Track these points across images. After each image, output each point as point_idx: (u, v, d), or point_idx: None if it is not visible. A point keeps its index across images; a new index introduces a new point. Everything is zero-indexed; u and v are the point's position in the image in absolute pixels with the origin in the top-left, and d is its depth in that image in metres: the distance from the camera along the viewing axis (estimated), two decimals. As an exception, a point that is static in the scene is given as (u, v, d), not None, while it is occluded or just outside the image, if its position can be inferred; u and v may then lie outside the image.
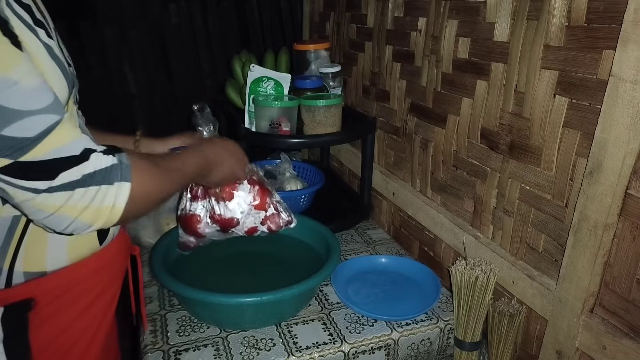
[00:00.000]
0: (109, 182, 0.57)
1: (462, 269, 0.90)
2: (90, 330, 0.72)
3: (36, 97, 0.52)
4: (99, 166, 0.56)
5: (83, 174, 0.55)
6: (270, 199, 0.97)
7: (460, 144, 1.04)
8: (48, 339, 0.66)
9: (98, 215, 0.57)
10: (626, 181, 0.67)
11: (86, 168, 0.55)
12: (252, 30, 2.10)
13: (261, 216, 0.97)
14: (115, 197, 0.57)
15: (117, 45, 1.89)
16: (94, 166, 0.56)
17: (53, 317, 0.66)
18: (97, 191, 0.56)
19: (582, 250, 0.73)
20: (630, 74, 0.63)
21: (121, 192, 0.58)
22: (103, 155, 0.58)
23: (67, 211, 0.55)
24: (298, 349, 0.87)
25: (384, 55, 1.30)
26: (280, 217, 0.98)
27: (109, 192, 0.57)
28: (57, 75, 0.59)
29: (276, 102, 1.21)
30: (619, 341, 0.69)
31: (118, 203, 0.58)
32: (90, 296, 0.70)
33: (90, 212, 0.56)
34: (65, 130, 0.55)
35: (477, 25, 0.94)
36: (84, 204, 0.56)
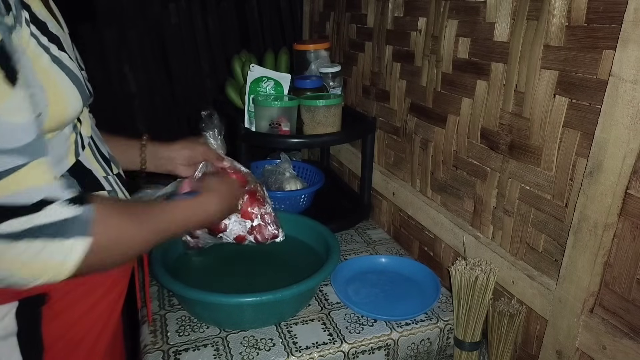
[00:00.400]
0: (63, 236, 0.52)
1: (462, 269, 0.90)
2: (99, 325, 0.74)
3: (9, 137, 0.49)
4: (52, 219, 0.51)
5: (31, 226, 0.50)
6: (258, 209, 0.96)
7: (460, 144, 1.04)
8: (59, 332, 0.68)
9: (44, 270, 0.52)
10: (626, 181, 0.67)
11: (36, 219, 0.50)
12: (252, 30, 2.10)
13: (247, 225, 0.96)
14: (67, 253, 0.52)
15: (116, 45, 1.89)
16: (47, 218, 0.51)
17: (64, 312, 0.68)
18: (45, 246, 0.51)
19: (582, 250, 0.73)
20: (630, 74, 0.63)
21: (75, 249, 0.53)
22: (65, 205, 0.52)
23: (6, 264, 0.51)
24: (298, 349, 0.87)
25: (384, 55, 1.30)
26: (267, 229, 0.97)
27: (60, 247, 0.52)
28: (69, 88, 0.60)
29: (276, 102, 1.21)
30: (619, 341, 0.69)
31: (69, 259, 0.52)
32: (99, 292, 0.72)
33: (35, 268, 0.51)
34: (28, 174, 0.50)
35: (477, 25, 0.94)
36: (26, 258, 0.50)
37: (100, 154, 0.74)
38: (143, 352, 0.87)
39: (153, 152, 0.93)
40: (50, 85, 0.57)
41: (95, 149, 0.72)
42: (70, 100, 0.60)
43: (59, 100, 0.59)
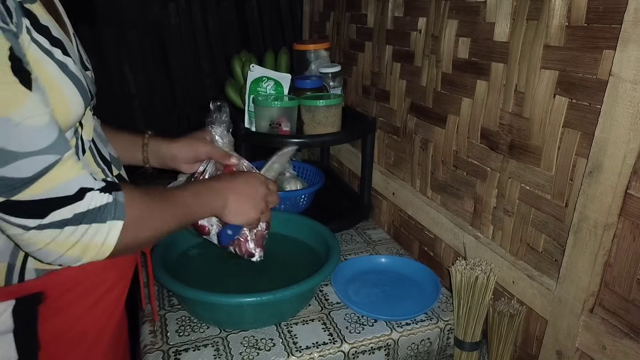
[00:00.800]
0: (101, 221, 0.58)
1: (462, 269, 0.90)
2: (100, 324, 0.74)
3: (36, 139, 0.53)
4: (92, 205, 0.58)
5: (75, 213, 0.56)
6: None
7: (460, 144, 1.04)
8: (58, 330, 0.68)
9: (87, 251, 0.58)
10: (626, 181, 0.67)
11: (79, 207, 0.57)
12: (252, 30, 2.10)
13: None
14: (106, 235, 0.59)
15: (116, 45, 1.89)
16: (87, 205, 0.57)
17: (63, 310, 0.68)
18: (88, 229, 0.57)
19: (582, 250, 0.73)
20: (630, 74, 0.63)
21: (113, 230, 0.59)
22: (99, 193, 0.59)
23: (55, 247, 0.56)
24: (298, 349, 0.87)
25: (384, 55, 1.30)
26: (245, 246, 0.91)
27: (100, 229, 0.58)
28: (73, 92, 0.62)
29: (276, 102, 1.21)
30: (619, 341, 0.69)
31: (109, 240, 0.59)
32: (99, 291, 0.72)
33: (79, 248, 0.58)
34: (63, 169, 0.56)
35: (477, 25, 0.94)
36: (73, 241, 0.57)
37: (101, 156, 0.74)
38: (143, 352, 0.87)
39: (155, 150, 0.93)
40: (53, 89, 0.58)
41: (95, 151, 0.73)
42: (72, 104, 0.62)
43: (61, 104, 0.60)
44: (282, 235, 1.14)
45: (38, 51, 0.57)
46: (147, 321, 0.94)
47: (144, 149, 0.93)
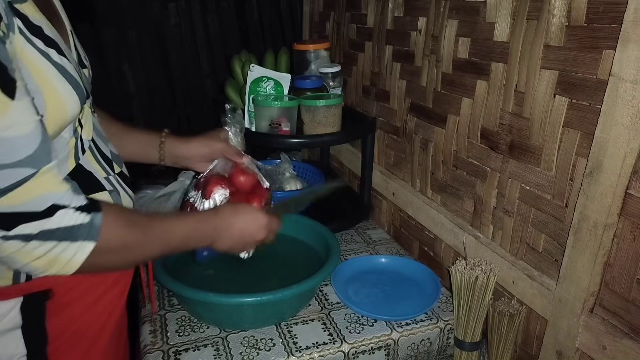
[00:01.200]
0: (71, 239, 0.56)
1: (462, 269, 0.90)
2: (101, 319, 0.76)
3: (14, 150, 0.51)
4: (63, 224, 0.56)
5: (41, 230, 0.54)
6: None
7: (460, 144, 1.04)
8: (63, 325, 0.70)
9: (52, 265, 0.57)
10: (626, 181, 0.67)
11: (46, 224, 0.55)
12: (252, 30, 2.10)
13: None
14: (74, 254, 0.57)
15: (116, 45, 1.89)
16: (57, 223, 0.55)
17: (68, 306, 0.70)
18: (56, 245, 0.56)
19: (582, 250, 0.73)
20: (630, 74, 0.63)
21: (82, 250, 0.57)
22: (74, 212, 0.57)
23: (19, 257, 0.55)
24: (298, 349, 0.87)
25: (384, 55, 1.30)
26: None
27: (69, 247, 0.56)
28: (69, 92, 0.61)
29: (276, 102, 1.21)
30: (619, 341, 0.69)
31: (76, 259, 0.57)
32: (100, 289, 0.74)
33: (44, 261, 0.56)
34: (36, 183, 0.54)
35: (477, 25, 0.94)
36: (38, 254, 0.55)
37: (102, 154, 0.74)
38: (143, 352, 0.87)
39: (171, 149, 0.93)
40: (48, 89, 0.58)
41: (96, 150, 0.73)
42: (68, 104, 0.61)
43: (57, 104, 0.59)
44: (282, 235, 1.14)
45: (34, 51, 0.56)
46: (147, 321, 0.94)
47: (161, 147, 0.93)
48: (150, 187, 1.27)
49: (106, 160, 0.75)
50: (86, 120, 0.71)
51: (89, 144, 0.72)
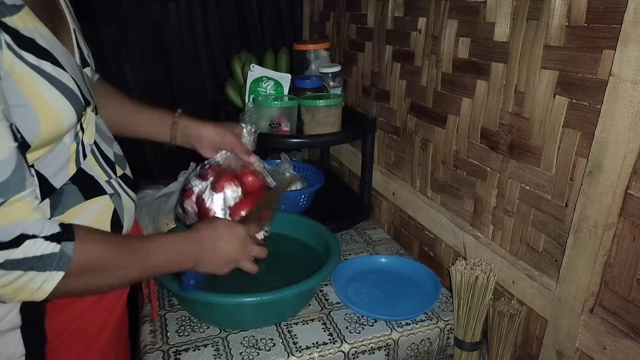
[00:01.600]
0: (39, 269, 0.55)
1: (462, 269, 0.90)
2: (102, 317, 0.77)
3: None
4: (31, 253, 0.54)
5: (6, 259, 0.53)
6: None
7: (460, 144, 1.04)
8: (62, 326, 0.71)
9: (19, 293, 0.55)
10: (626, 181, 0.67)
11: (12, 254, 0.53)
12: (252, 30, 2.10)
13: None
14: (42, 283, 0.55)
15: (116, 45, 1.89)
16: (24, 253, 0.53)
17: (68, 307, 0.71)
18: (22, 275, 0.54)
19: (582, 250, 0.73)
20: (630, 74, 0.63)
21: (50, 279, 0.56)
22: (43, 241, 0.55)
23: None
24: (298, 349, 0.87)
25: (384, 55, 1.30)
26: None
27: (36, 277, 0.55)
28: (63, 104, 0.60)
29: (276, 102, 1.21)
30: (619, 341, 0.69)
31: (44, 287, 0.56)
32: None
33: (10, 289, 0.54)
34: (6, 212, 0.52)
35: (477, 25, 0.94)
36: (3, 282, 0.53)
37: (105, 157, 0.74)
38: (143, 352, 0.87)
39: (184, 129, 0.92)
40: (40, 103, 0.57)
41: (98, 153, 0.73)
42: (63, 115, 0.61)
43: (50, 117, 0.59)
44: (282, 235, 1.14)
45: (24, 67, 0.55)
46: (147, 321, 0.94)
47: (174, 126, 0.92)
48: (150, 187, 1.27)
49: (109, 163, 0.74)
50: (88, 124, 0.71)
51: (91, 148, 0.71)
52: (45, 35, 0.60)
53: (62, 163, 0.65)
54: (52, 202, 0.65)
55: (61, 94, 0.60)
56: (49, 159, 0.64)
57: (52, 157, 0.64)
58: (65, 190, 0.66)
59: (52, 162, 0.64)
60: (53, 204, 0.65)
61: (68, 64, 0.64)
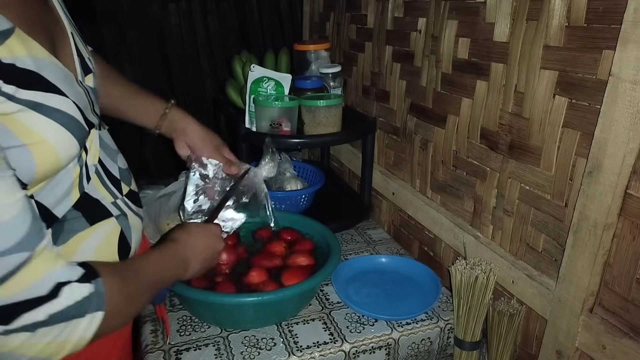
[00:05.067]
0: (80, 315, 0.51)
1: (462, 268, 0.91)
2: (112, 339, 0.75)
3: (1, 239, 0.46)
4: (70, 301, 0.50)
5: (50, 314, 0.48)
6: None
7: (460, 144, 1.04)
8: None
9: (61, 350, 0.51)
10: (626, 181, 0.67)
11: (54, 307, 0.49)
12: (252, 30, 2.10)
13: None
14: (84, 330, 0.51)
15: (116, 45, 1.89)
16: (65, 302, 0.49)
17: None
18: (65, 327, 0.50)
19: (582, 250, 0.74)
20: (630, 74, 0.63)
21: (92, 323, 0.52)
22: (78, 285, 0.51)
23: (24, 350, 0.48)
24: (299, 349, 0.88)
25: (384, 56, 1.30)
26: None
27: (78, 325, 0.51)
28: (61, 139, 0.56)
29: (277, 102, 1.22)
30: (618, 341, 0.70)
31: (86, 334, 0.52)
32: None
33: (52, 348, 0.50)
34: (34, 266, 0.48)
35: (477, 26, 0.94)
36: (46, 341, 0.49)
37: (110, 176, 0.71)
38: (144, 352, 0.87)
39: (172, 119, 0.91)
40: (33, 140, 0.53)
41: (103, 172, 0.69)
42: (62, 149, 0.57)
43: (47, 154, 0.55)
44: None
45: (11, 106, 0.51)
46: (148, 321, 0.95)
47: (162, 117, 0.90)
48: (150, 187, 1.27)
49: (114, 182, 0.71)
50: (92, 142, 0.67)
51: (95, 168, 0.68)
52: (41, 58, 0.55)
53: (64, 190, 0.62)
54: (55, 231, 0.62)
55: (60, 125, 0.56)
56: (50, 188, 0.60)
57: (54, 186, 0.60)
58: (68, 218, 0.63)
59: (53, 191, 0.60)
60: (55, 233, 0.62)
61: (68, 85, 0.59)
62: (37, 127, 0.53)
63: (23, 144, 0.52)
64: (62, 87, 0.58)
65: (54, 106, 0.55)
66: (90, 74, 0.70)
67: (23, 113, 0.52)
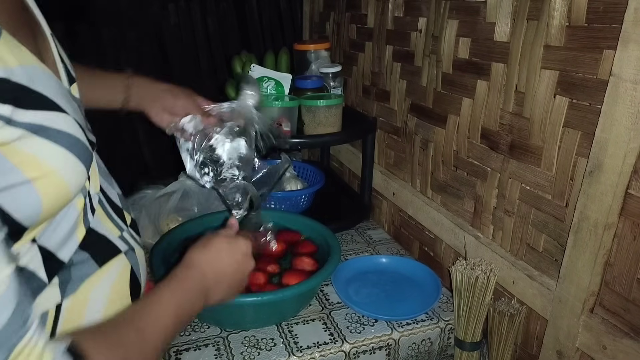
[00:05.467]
0: None
1: (463, 269, 0.91)
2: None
3: None
4: None
5: None
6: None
7: (460, 144, 1.04)
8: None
9: None
10: (627, 181, 0.67)
11: None
12: (252, 30, 2.10)
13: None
14: None
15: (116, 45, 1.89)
16: None
17: None
18: None
19: (583, 250, 0.74)
20: (630, 74, 0.63)
21: None
22: None
23: None
24: (299, 349, 0.87)
25: (384, 55, 1.30)
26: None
27: None
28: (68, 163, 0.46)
29: (277, 102, 1.21)
30: (619, 341, 0.69)
31: None
32: None
33: None
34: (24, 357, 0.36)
35: (478, 25, 0.94)
36: None
37: (112, 205, 0.61)
38: (144, 352, 0.87)
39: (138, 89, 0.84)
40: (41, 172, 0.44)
41: (106, 201, 0.60)
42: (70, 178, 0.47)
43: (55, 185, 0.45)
44: (282, 235, 1.14)
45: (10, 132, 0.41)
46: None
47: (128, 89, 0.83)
48: (150, 187, 1.27)
49: (117, 212, 0.62)
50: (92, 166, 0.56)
51: (98, 198, 0.58)
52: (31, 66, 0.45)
53: (69, 228, 0.52)
54: (61, 280, 0.51)
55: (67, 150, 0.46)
56: (54, 227, 0.50)
57: (57, 225, 0.50)
58: (75, 262, 0.53)
59: (57, 230, 0.50)
60: (62, 282, 0.52)
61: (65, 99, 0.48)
62: (44, 155, 0.44)
63: (27, 180, 0.42)
64: (60, 101, 0.47)
65: (57, 127, 0.45)
66: (75, 83, 0.59)
67: (25, 140, 0.42)
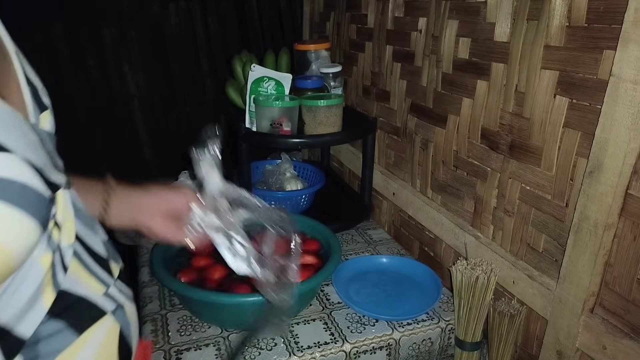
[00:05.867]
0: None
1: (463, 269, 0.91)
2: None
3: None
4: None
5: None
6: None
7: (460, 144, 1.04)
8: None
9: None
10: (627, 181, 0.67)
11: None
12: (252, 30, 2.10)
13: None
14: None
15: (116, 45, 1.89)
16: None
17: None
18: None
19: (583, 250, 0.74)
20: (630, 74, 0.63)
21: None
22: None
23: None
24: (299, 349, 0.88)
25: (384, 55, 1.30)
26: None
27: None
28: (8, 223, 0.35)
29: (277, 102, 1.22)
30: (619, 341, 0.69)
31: None
32: None
33: None
34: None
35: (478, 25, 0.94)
36: None
37: (94, 256, 0.50)
38: (144, 352, 0.87)
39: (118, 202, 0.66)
40: None
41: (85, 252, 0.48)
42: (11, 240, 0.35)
43: None
44: (282, 235, 1.14)
45: None
46: (148, 321, 0.95)
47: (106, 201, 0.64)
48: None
49: (101, 263, 0.51)
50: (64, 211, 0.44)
51: (74, 250, 0.46)
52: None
53: (30, 295, 0.41)
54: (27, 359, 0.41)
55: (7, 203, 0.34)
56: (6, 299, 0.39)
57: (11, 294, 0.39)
58: (42, 336, 0.42)
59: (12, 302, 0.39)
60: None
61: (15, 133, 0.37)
62: None
63: None
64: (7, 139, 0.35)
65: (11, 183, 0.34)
66: (47, 111, 0.47)
67: None
